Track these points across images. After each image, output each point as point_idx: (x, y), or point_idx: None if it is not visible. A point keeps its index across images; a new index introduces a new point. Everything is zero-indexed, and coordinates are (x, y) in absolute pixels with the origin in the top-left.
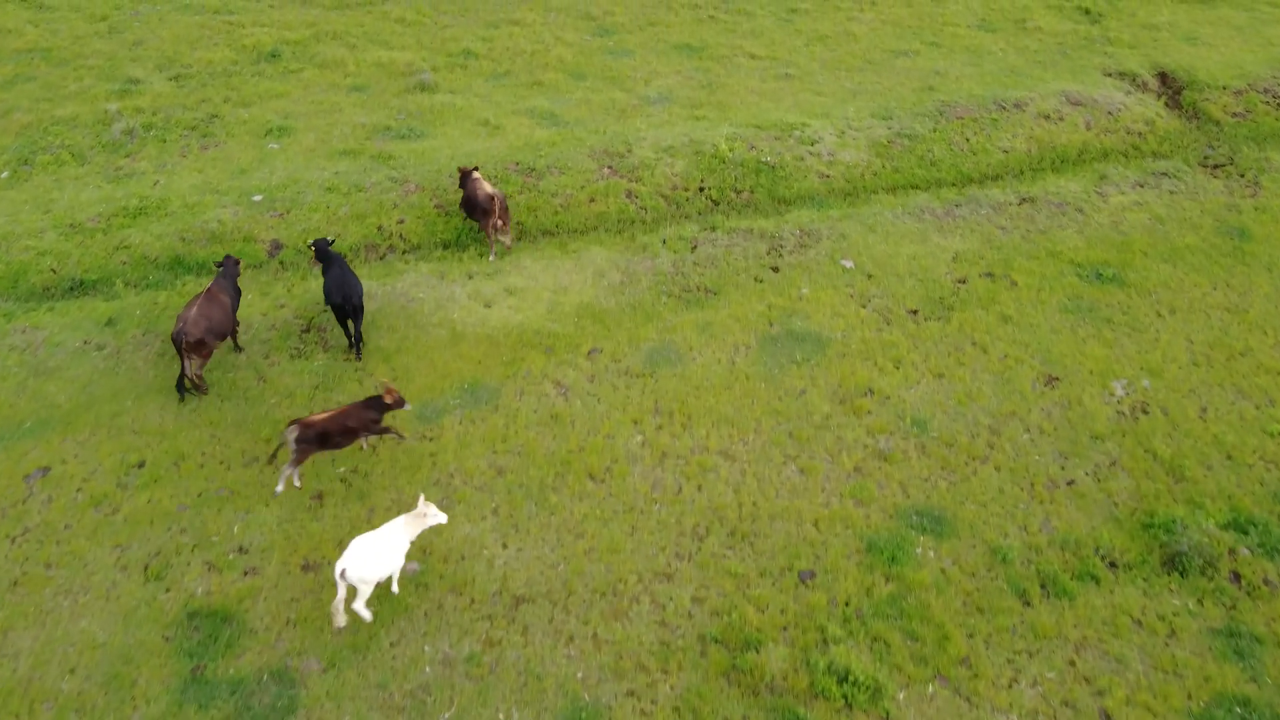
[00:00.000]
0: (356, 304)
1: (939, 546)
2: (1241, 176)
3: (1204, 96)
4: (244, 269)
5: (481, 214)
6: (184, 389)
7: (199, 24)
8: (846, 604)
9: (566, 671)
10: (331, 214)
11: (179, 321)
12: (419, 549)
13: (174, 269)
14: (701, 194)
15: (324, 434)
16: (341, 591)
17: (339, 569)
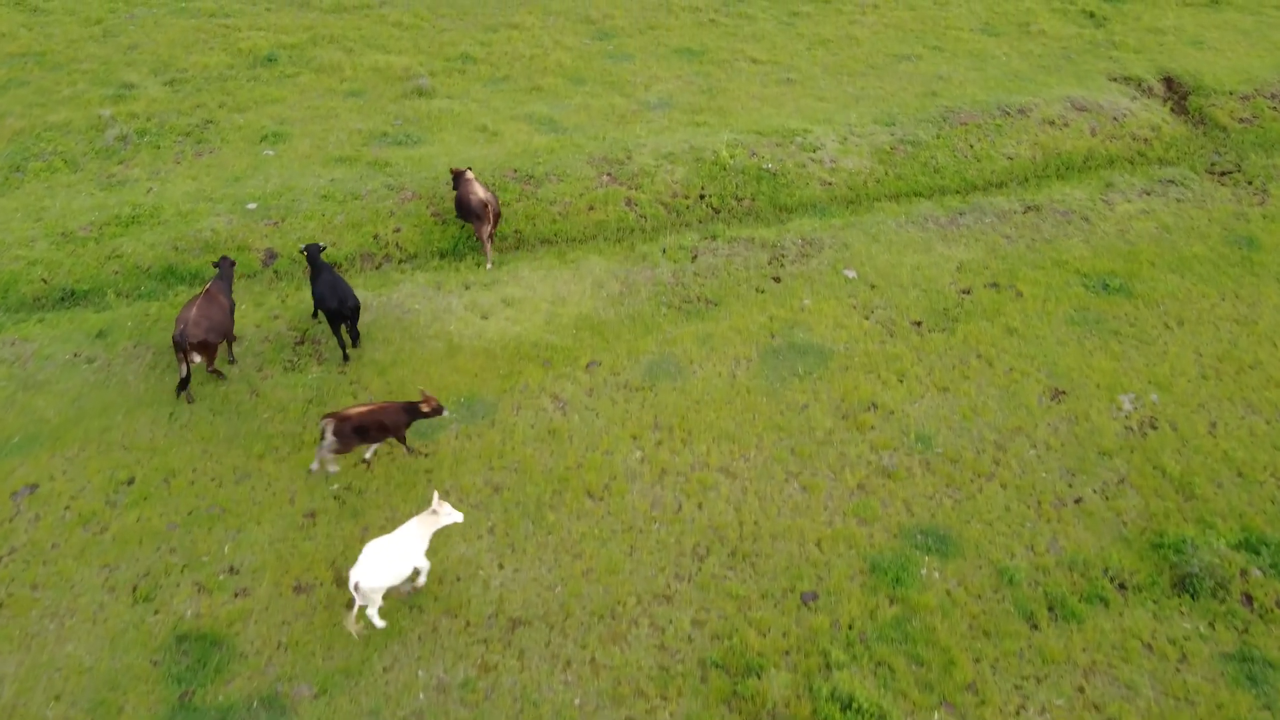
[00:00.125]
0: (353, 306)
1: (944, 567)
2: (1249, 184)
3: (1210, 102)
4: (237, 279)
5: (475, 220)
6: (184, 389)
7: (194, 28)
8: (850, 627)
9: (564, 698)
10: (327, 222)
11: (179, 324)
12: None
13: (166, 279)
14: (702, 202)
15: (361, 428)
16: (360, 601)
17: (352, 580)
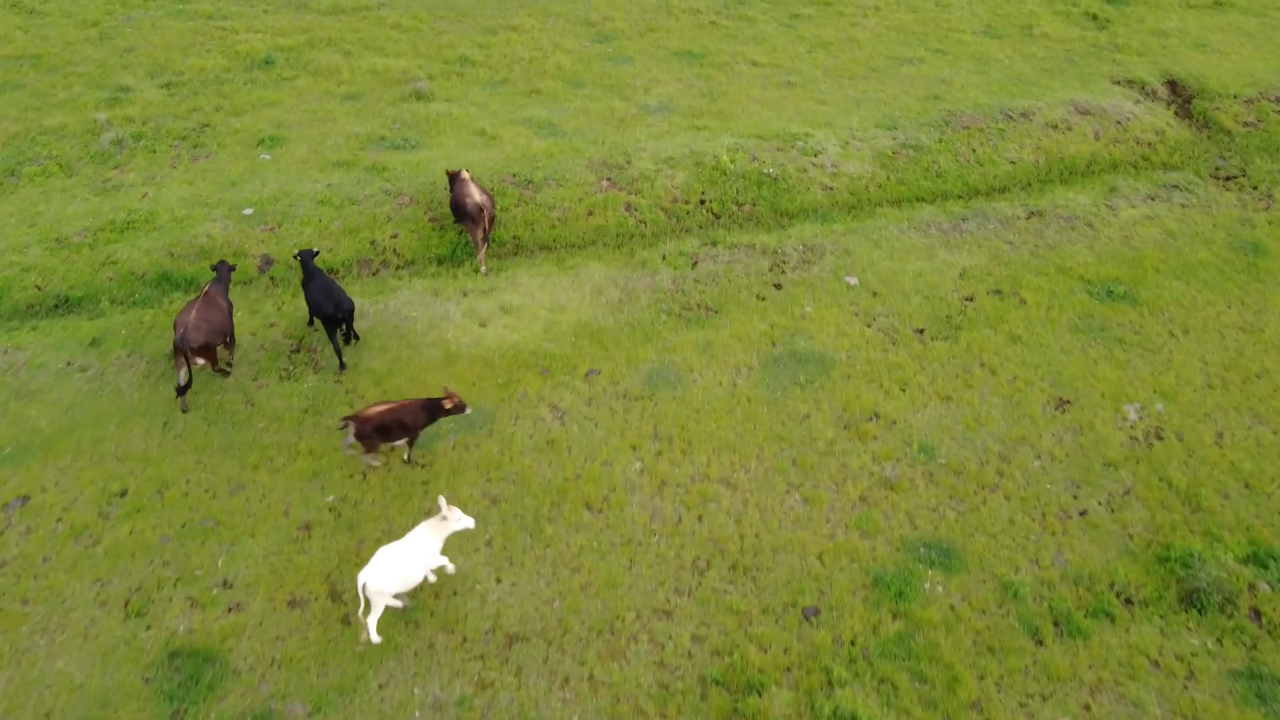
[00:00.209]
0: (348, 309)
1: (948, 581)
2: (1254, 189)
3: (1215, 105)
4: (233, 285)
5: (469, 222)
6: (184, 395)
7: (191, 30)
8: (852, 643)
9: (562, 716)
10: (323, 228)
11: (179, 328)
12: None
13: (161, 285)
14: (702, 207)
15: (383, 427)
16: (372, 607)
17: (360, 581)
